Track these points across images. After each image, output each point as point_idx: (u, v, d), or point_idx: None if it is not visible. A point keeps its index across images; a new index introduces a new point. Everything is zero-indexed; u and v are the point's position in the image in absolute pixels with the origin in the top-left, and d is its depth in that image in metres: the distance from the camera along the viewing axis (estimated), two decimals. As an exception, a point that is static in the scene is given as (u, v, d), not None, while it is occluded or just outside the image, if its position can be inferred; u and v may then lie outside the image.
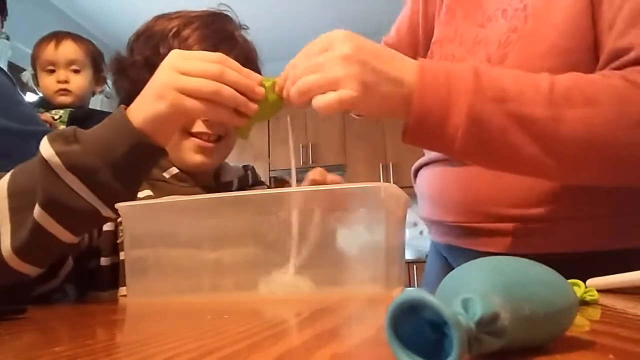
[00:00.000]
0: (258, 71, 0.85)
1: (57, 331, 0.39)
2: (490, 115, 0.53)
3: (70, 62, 1.54)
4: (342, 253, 0.52)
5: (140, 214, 0.56)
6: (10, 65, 2.99)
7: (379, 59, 0.53)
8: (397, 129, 0.57)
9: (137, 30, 0.81)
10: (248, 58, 0.81)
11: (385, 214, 0.50)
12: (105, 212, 0.56)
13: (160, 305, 0.53)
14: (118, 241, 0.69)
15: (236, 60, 0.78)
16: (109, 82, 1.68)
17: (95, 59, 1.60)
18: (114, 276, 0.69)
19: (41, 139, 0.55)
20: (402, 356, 0.20)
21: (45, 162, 0.53)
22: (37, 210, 0.54)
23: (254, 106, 0.57)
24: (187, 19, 0.78)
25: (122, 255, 0.69)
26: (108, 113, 1.69)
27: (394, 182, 0.52)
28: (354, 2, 3.74)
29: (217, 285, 0.55)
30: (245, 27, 0.84)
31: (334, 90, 0.52)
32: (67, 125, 1.47)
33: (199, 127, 0.75)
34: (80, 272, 0.67)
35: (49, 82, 1.54)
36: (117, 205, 0.54)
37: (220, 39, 0.77)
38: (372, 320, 0.36)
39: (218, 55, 0.57)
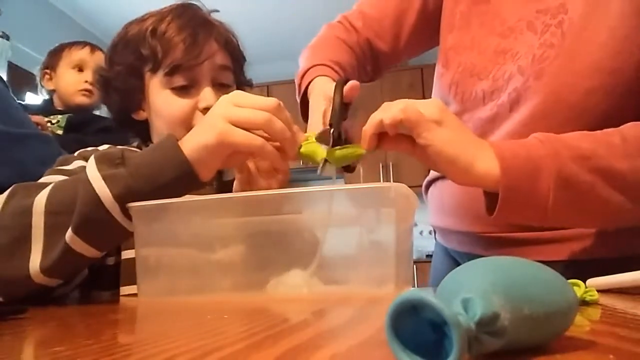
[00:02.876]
0: (241, 53, 0.85)
1: (57, 331, 0.39)
2: (576, 174, 0.55)
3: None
4: (352, 253, 0.52)
5: (150, 214, 0.56)
6: (10, 65, 2.99)
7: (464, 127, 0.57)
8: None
9: (112, 42, 0.80)
10: (228, 39, 0.81)
11: (395, 213, 0.50)
12: None
13: (160, 305, 0.53)
14: None
15: (217, 42, 0.78)
16: None
17: None
18: (118, 275, 0.69)
19: (32, 141, 0.54)
20: (402, 356, 0.20)
21: (90, 186, 0.54)
22: (69, 234, 0.54)
23: (301, 137, 0.58)
24: (159, 15, 0.78)
25: (124, 255, 0.69)
26: (106, 119, 1.67)
27: (393, 182, 0.52)
28: (351, 3, 3.74)
29: (225, 285, 0.55)
30: (215, 10, 0.83)
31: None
32: (64, 130, 1.48)
33: (199, 119, 0.74)
34: (87, 271, 0.67)
35: (75, 80, 1.55)
36: (128, 205, 0.55)
37: (197, 25, 0.77)
38: (372, 320, 0.36)
39: (273, 99, 0.57)
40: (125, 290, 0.68)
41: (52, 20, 3.42)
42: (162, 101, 0.76)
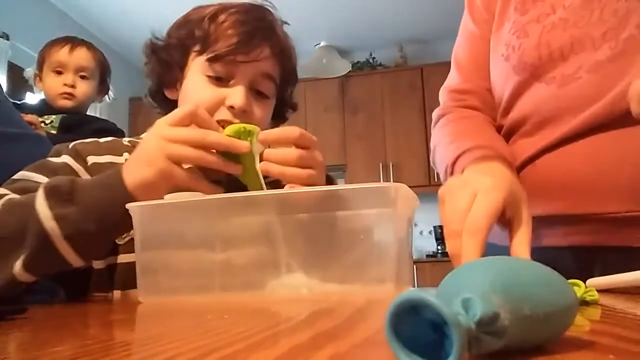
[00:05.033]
0: (293, 69, 0.82)
1: (57, 331, 0.39)
2: None
3: (80, 69, 1.55)
4: (352, 253, 0.52)
5: (150, 214, 0.56)
6: (10, 65, 2.99)
7: None
8: (398, 128, 0.57)
9: (176, 20, 0.81)
10: (284, 51, 0.78)
11: (395, 213, 0.50)
12: (79, 264, 0.60)
13: (160, 305, 0.53)
14: (120, 242, 0.68)
15: (272, 52, 0.76)
16: (110, 92, 1.69)
17: (103, 69, 1.61)
18: (111, 279, 0.69)
19: (25, 141, 0.54)
20: (402, 356, 0.20)
21: (40, 225, 0.55)
22: (18, 268, 0.56)
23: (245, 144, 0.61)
24: (226, 5, 0.76)
25: (119, 259, 0.69)
26: (101, 120, 1.66)
27: (393, 182, 0.52)
28: (351, 3, 3.74)
29: (227, 285, 0.55)
30: (286, 23, 0.81)
31: None
32: (57, 131, 1.47)
33: (222, 114, 0.72)
34: (72, 275, 0.67)
35: (55, 84, 1.53)
36: (128, 205, 0.55)
37: (257, 27, 0.75)
38: (372, 320, 0.36)
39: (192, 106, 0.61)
40: (119, 294, 0.68)
41: (52, 21, 3.42)
42: (194, 84, 0.75)
